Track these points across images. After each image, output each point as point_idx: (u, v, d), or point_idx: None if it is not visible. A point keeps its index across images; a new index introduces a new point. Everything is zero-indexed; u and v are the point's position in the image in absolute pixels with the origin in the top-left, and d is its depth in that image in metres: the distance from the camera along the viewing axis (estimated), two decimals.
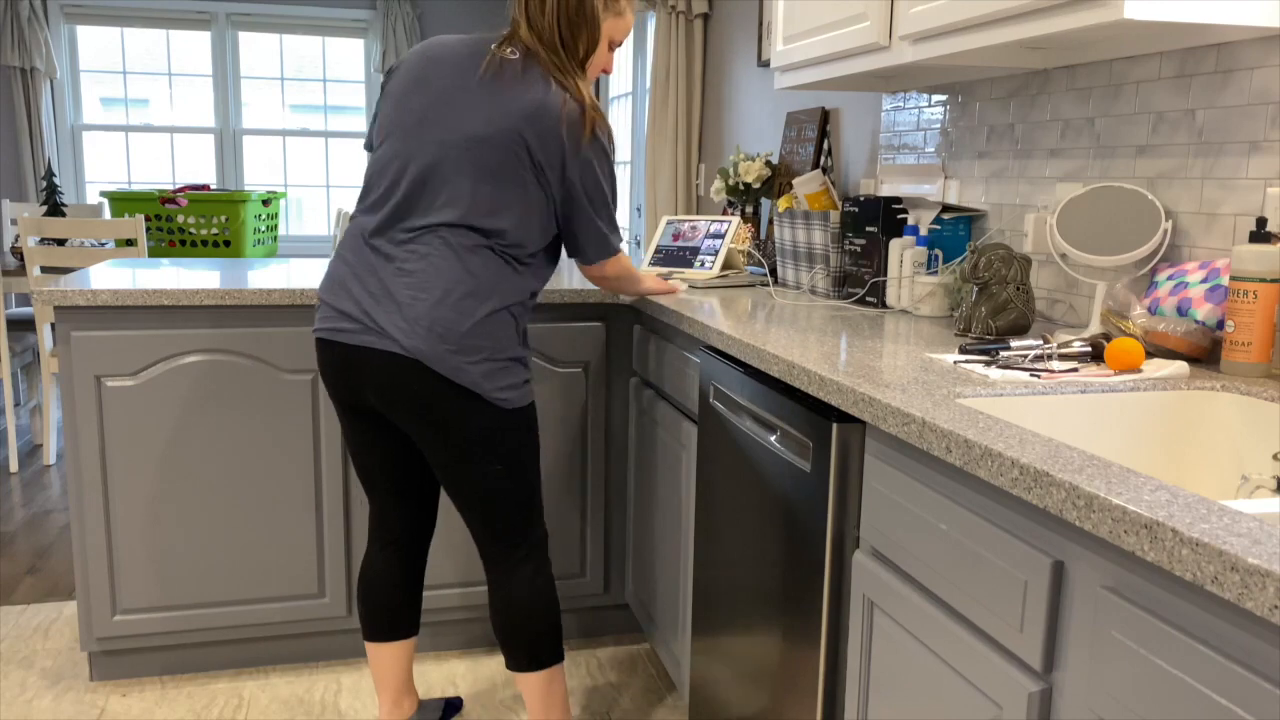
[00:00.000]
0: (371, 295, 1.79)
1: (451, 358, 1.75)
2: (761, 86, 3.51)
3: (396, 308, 1.76)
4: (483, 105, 1.77)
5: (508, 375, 1.82)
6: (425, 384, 1.76)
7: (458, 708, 2.34)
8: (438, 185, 1.79)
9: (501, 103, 1.77)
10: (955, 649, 1.15)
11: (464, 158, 1.77)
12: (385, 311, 1.77)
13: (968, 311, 1.82)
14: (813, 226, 2.43)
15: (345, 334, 1.80)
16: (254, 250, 4.58)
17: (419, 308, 1.75)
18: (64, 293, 2.18)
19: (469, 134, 1.77)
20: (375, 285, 1.79)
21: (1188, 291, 1.59)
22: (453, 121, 1.78)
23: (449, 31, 6.15)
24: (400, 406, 1.80)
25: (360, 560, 2.46)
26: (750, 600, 1.72)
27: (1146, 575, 0.87)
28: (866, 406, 1.30)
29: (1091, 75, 1.90)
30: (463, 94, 1.79)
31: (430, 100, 1.81)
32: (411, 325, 1.75)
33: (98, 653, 2.41)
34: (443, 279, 1.76)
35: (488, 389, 1.79)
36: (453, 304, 1.76)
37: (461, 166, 1.77)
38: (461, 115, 1.78)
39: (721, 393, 1.83)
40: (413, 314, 1.75)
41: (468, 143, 1.77)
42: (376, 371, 1.78)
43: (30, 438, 4.46)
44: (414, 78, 1.84)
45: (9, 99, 5.63)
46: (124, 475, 2.29)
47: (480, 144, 1.76)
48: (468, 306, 1.77)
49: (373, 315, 1.78)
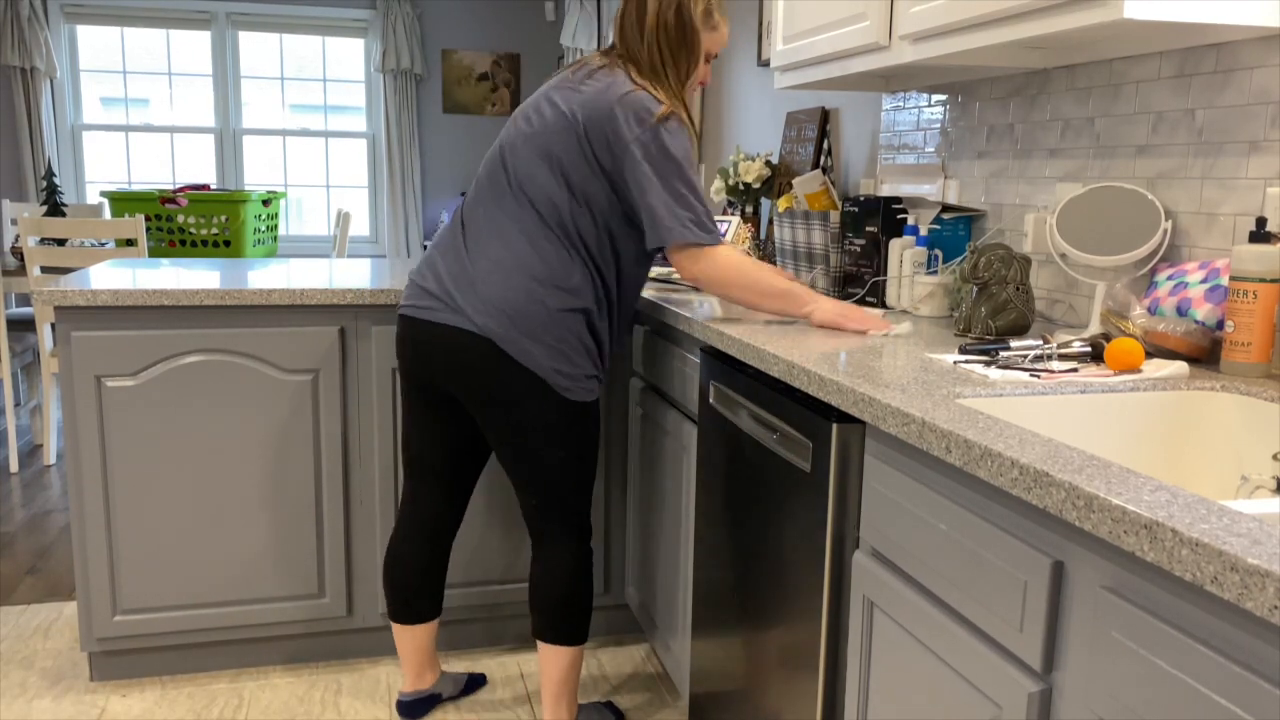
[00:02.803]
0: (452, 275, 1.90)
1: (521, 340, 1.85)
2: (761, 86, 3.51)
3: (472, 287, 1.86)
4: (561, 97, 1.89)
5: (572, 367, 1.90)
6: (494, 364, 1.85)
7: (481, 682, 2.43)
8: (516, 171, 1.90)
9: (574, 94, 1.88)
10: (955, 649, 1.15)
11: (535, 145, 1.88)
12: (463, 290, 1.87)
13: (968, 311, 1.82)
14: (813, 226, 2.43)
15: (426, 310, 1.91)
16: (254, 250, 4.58)
17: (492, 289, 1.85)
18: (64, 293, 2.18)
19: (541, 122, 1.89)
20: (458, 266, 1.90)
21: (1187, 291, 1.59)
22: (534, 112, 1.92)
23: (449, 31, 6.16)
24: (470, 384, 1.89)
25: (359, 558, 2.46)
26: (750, 600, 1.72)
27: (1146, 575, 0.87)
28: (866, 406, 1.30)
29: (1091, 75, 1.90)
30: (550, 90, 1.93)
31: (527, 105, 1.96)
32: (486, 304, 1.84)
33: (98, 653, 2.41)
34: (516, 261, 1.86)
35: (553, 377, 1.88)
36: (523, 287, 1.84)
37: (532, 154, 1.88)
38: (542, 107, 1.91)
39: (722, 393, 1.83)
40: (486, 293, 1.85)
41: (540, 130, 1.88)
42: (449, 348, 1.88)
43: (30, 438, 4.46)
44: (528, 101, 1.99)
45: (9, 99, 5.63)
46: (124, 475, 2.29)
47: (548, 131, 1.87)
48: (537, 293, 1.85)
49: (452, 294, 1.88)
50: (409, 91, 6.06)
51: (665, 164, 1.82)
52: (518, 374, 1.86)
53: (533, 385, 1.87)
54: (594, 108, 1.84)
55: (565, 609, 2.03)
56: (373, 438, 2.42)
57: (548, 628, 2.04)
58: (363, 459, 2.42)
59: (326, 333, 2.34)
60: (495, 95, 6.28)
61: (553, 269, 1.86)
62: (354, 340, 2.38)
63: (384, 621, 2.51)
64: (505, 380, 1.87)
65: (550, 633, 2.04)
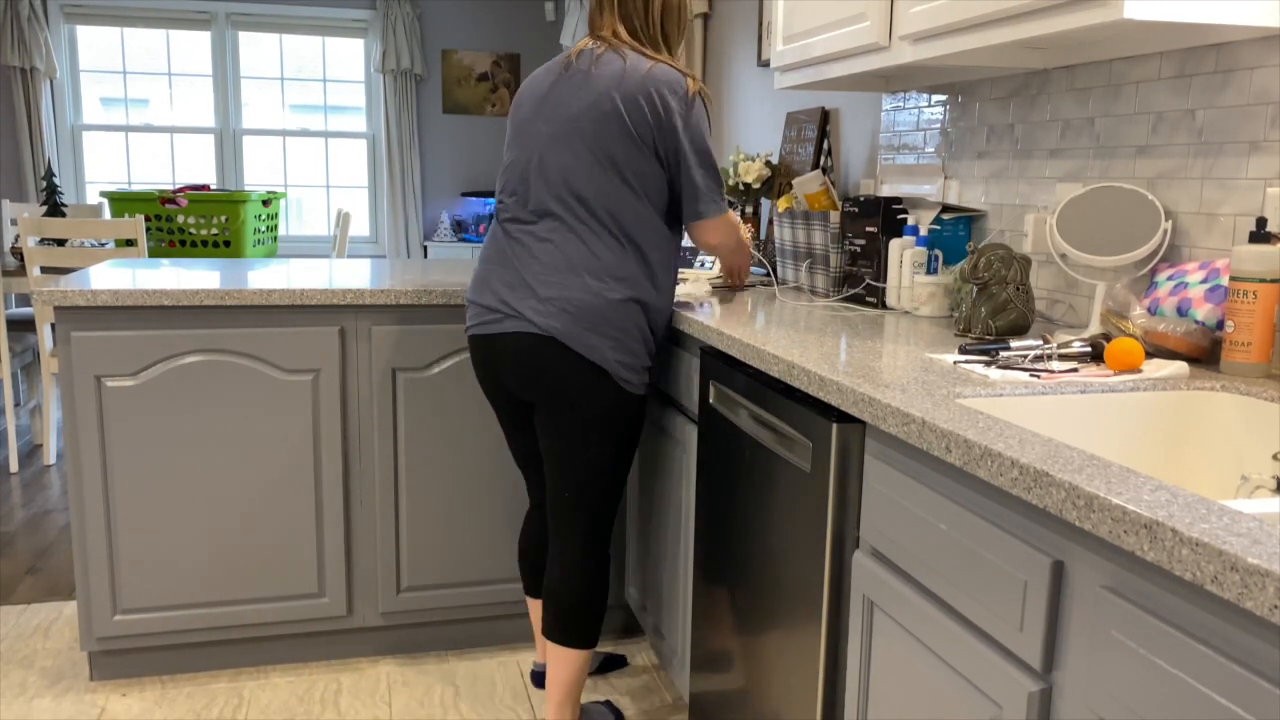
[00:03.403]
0: (508, 285, 1.93)
1: (585, 335, 1.88)
2: (761, 86, 3.51)
3: (530, 291, 1.90)
4: (575, 89, 1.91)
5: (633, 358, 1.93)
6: (560, 360, 1.89)
7: (621, 663, 2.54)
8: (551, 172, 1.92)
9: (591, 81, 1.90)
10: (955, 649, 1.15)
11: (571, 142, 1.90)
12: (520, 296, 1.91)
13: (968, 312, 1.82)
14: (813, 226, 2.43)
15: (489, 325, 1.95)
16: (254, 250, 4.58)
17: (550, 289, 1.88)
18: (64, 293, 2.18)
19: (566, 116, 1.90)
20: (512, 275, 1.93)
21: (1187, 292, 1.59)
22: (550, 111, 1.93)
23: (449, 31, 6.16)
24: (536, 384, 1.92)
25: (359, 558, 2.47)
26: (750, 600, 1.72)
27: (1146, 575, 0.87)
28: (866, 406, 1.30)
29: (1091, 75, 1.90)
30: (556, 87, 1.94)
31: (534, 103, 1.97)
32: (545, 305, 1.88)
33: (98, 653, 2.41)
34: (569, 260, 1.89)
35: (617, 369, 1.91)
36: (580, 283, 1.88)
37: (566, 150, 1.90)
38: (557, 104, 1.93)
39: (721, 393, 1.83)
40: (545, 294, 1.88)
41: (566, 124, 1.90)
42: (515, 353, 1.92)
43: (30, 438, 4.46)
44: (522, 99, 2.01)
45: (9, 99, 5.63)
46: (124, 475, 2.29)
47: (577, 121, 1.89)
48: (595, 286, 1.88)
49: (510, 302, 1.92)
50: (409, 92, 6.06)
51: (703, 140, 1.93)
52: (584, 369, 1.89)
53: (598, 379, 1.90)
54: (630, 87, 1.87)
55: (578, 613, 2.03)
56: (373, 438, 2.42)
57: (559, 629, 2.04)
58: (363, 459, 2.43)
59: (326, 333, 2.34)
60: (495, 95, 6.28)
61: (606, 262, 1.90)
62: (354, 340, 2.38)
63: (384, 621, 2.51)
64: (572, 376, 1.89)
65: (560, 634, 2.04)
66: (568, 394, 1.91)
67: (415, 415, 2.43)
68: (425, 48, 6.14)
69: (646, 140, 1.88)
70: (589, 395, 1.91)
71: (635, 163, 1.89)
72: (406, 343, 2.40)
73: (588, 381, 1.90)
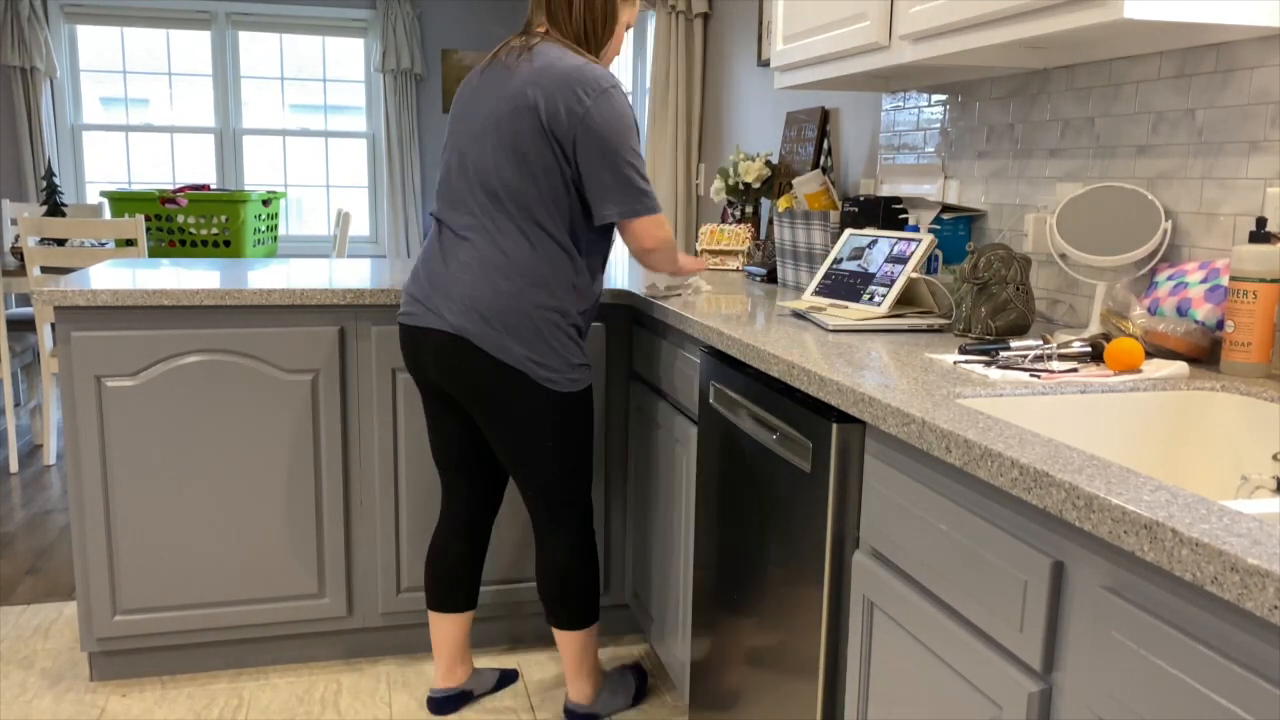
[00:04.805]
0: (430, 280, 1.96)
1: (496, 336, 1.89)
2: (761, 86, 3.51)
3: (444, 290, 1.93)
4: (497, 85, 1.92)
5: (553, 357, 1.93)
6: (475, 362, 1.91)
7: (512, 679, 2.46)
8: (470, 170, 1.93)
9: (512, 78, 1.90)
10: (955, 649, 1.15)
11: (486, 137, 1.91)
12: (439, 294, 1.93)
13: (968, 311, 1.82)
14: (813, 226, 2.43)
15: (413, 317, 1.99)
16: (254, 250, 4.58)
17: (461, 288, 1.90)
18: (64, 293, 2.18)
19: (486, 113, 1.91)
20: (435, 269, 1.96)
21: (1187, 292, 1.59)
22: (474, 108, 1.95)
23: (449, 31, 6.16)
24: (457, 383, 1.95)
25: (359, 558, 2.47)
26: (750, 600, 1.72)
27: (1146, 575, 0.87)
28: (866, 406, 1.30)
29: (1091, 75, 1.90)
30: (482, 85, 1.96)
31: (461, 101, 2.00)
32: (456, 304, 1.91)
33: (98, 653, 2.41)
34: (481, 259, 1.90)
35: (534, 370, 1.92)
36: (490, 283, 1.89)
37: (485, 147, 1.91)
38: (480, 101, 1.94)
39: (721, 393, 1.83)
40: (457, 293, 1.91)
41: (486, 121, 1.91)
42: (435, 350, 1.95)
43: (30, 438, 4.46)
44: (458, 98, 2.02)
45: (9, 99, 5.63)
46: (124, 475, 2.29)
47: (495, 119, 1.90)
48: (504, 286, 1.89)
49: (430, 297, 1.95)
50: (409, 91, 6.06)
51: (617, 137, 1.86)
52: (499, 370, 1.91)
53: (515, 380, 1.92)
54: (546, 82, 1.85)
55: (566, 597, 2.11)
56: (373, 438, 2.42)
57: (562, 616, 2.14)
58: (363, 459, 2.43)
59: (326, 333, 2.34)
60: None
61: (517, 261, 1.89)
62: (354, 340, 2.38)
63: (384, 621, 2.51)
64: (488, 377, 1.92)
65: (565, 620, 2.14)
66: (492, 395, 1.93)
67: (415, 415, 2.43)
68: (425, 48, 6.14)
69: (560, 136, 1.85)
70: (514, 395, 1.93)
71: (545, 158, 1.86)
72: None
73: (509, 382, 1.91)
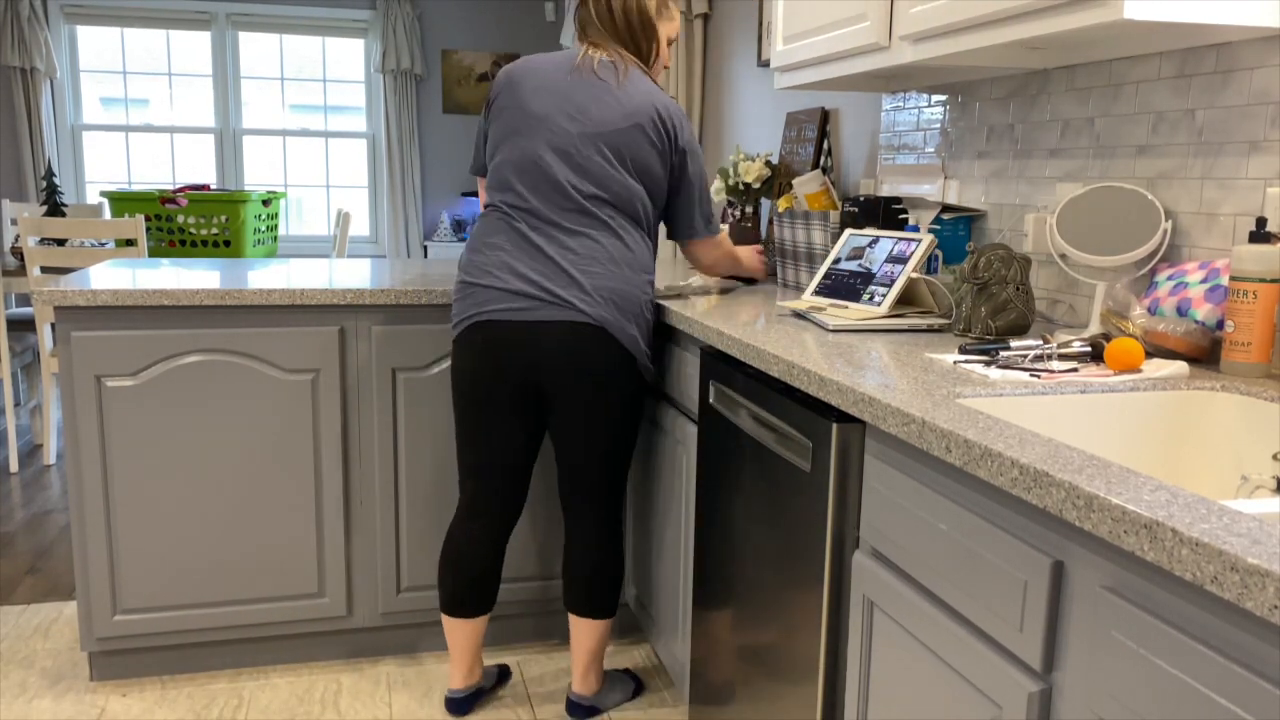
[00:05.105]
0: (546, 274, 2.00)
1: (628, 325, 2.03)
2: (761, 86, 3.51)
3: (572, 280, 1.99)
4: (603, 95, 2.03)
5: (648, 348, 2.11)
6: (601, 348, 2.01)
7: (508, 674, 2.48)
8: (583, 169, 2.02)
9: (619, 92, 2.04)
10: (955, 649, 1.15)
11: (601, 142, 2.02)
12: (563, 284, 1.99)
13: (968, 311, 1.82)
14: (813, 226, 2.43)
15: (523, 311, 2.00)
16: (254, 250, 4.58)
17: (595, 279, 1.99)
18: (64, 293, 2.18)
19: (600, 119, 2.02)
20: (546, 265, 2.00)
21: (1187, 291, 1.59)
22: (576, 111, 2.02)
23: (449, 32, 6.16)
24: (566, 371, 2.01)
25: (359, 558, 2.46)
26: (750, 600, 1.72)
27: (1146, 575, 0.87)
28: (866, 406, 1.30)
29: (1091, 75, 1.90)
30: (577, 89, 2.04)
31: (548, 97, 2.04)
32: (593, 295, 1.99)
33: (98, 653, 2.41)
34: (608, 253, 2.02)
35: (642, 358, 2.08)
36: (622, 276, 2.02)
37: (600, 151, 2.02)
38: (585, 106, 2.02)
39: (721, 393, 1.83)
40: (592, 284, 1.99)
41: (600, 127, 2.01)
42: (560, 340, 1.99)
43: (30, 438, 4.46)
44: (528, 89, 2.06)
45: (9, 99, 5.63)
46: (124, 475, 2.29)
47: (613, 126, 2.02)
48: (631, 279, 2.03)
49: (553, 290, 1.99)
50: (409, 92, 6.06)
51: (702, 165, 2.17)
52: (618, 357, 2.03)
53: (626, 366, 2.05)
54: (658, 108, 2.05)
55: (611, 586, 2.18)
56: (373, 438, 2.42)
57: (592, 604, 2.18)
58: (363, 459, 2.42)
59: (326, 333, 2.34)
60: None
61: (639, 256, 2.06)
62: (354, 340, 2.38)
63: (384, 621, 2.51)
64: (608, 364, 2.02)
65: (593, 609, 2.18)
66: (600, 380, 2.03)
67: (415, 415, 2.43)
68: (425, 48, 6.14)
69: (665, 157, 2.08)
70: (619, 381, 2.05)
71: (655, 171, 2.07)
72: (406, 343, 2.40)
73: (620, 369, 2.04)
